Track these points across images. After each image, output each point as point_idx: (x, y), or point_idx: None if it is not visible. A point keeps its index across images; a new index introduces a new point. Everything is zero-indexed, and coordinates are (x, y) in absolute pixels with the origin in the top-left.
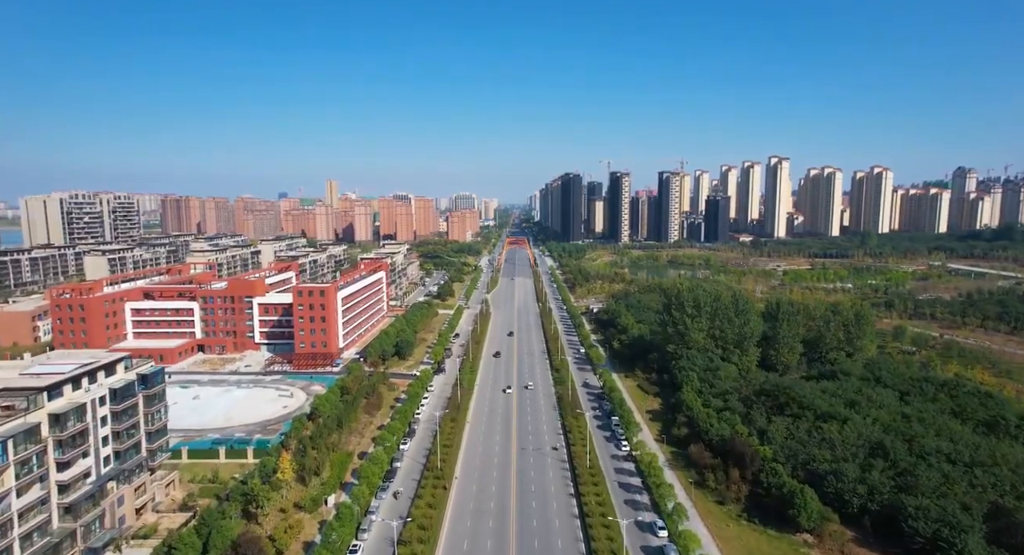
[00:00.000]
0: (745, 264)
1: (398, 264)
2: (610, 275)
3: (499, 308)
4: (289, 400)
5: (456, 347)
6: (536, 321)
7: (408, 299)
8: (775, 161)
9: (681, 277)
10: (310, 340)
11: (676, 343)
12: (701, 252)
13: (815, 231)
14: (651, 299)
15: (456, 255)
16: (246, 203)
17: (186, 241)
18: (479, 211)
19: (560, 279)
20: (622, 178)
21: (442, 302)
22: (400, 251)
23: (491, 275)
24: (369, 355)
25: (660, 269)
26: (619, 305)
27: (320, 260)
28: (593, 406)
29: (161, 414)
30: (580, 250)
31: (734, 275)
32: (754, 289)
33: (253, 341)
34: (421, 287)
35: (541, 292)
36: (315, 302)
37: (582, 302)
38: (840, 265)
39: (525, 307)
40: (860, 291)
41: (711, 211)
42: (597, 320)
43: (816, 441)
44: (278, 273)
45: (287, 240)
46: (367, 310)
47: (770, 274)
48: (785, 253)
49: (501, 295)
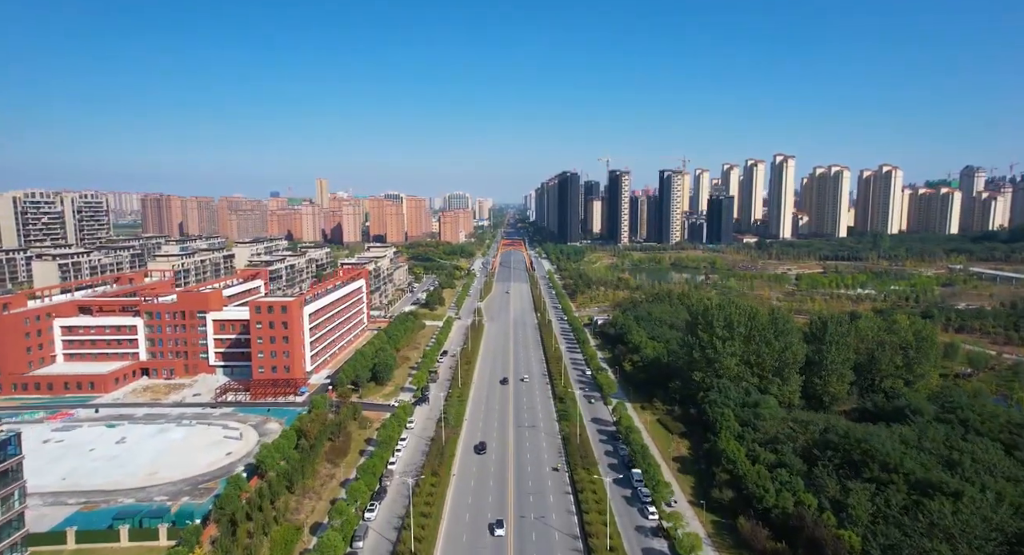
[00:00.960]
0: (753, 267)
1: (383, 269)
2: (612, 281)
3: (493, 319)
4: (236, 443)
5: (444, 369)
6: (535, 336)
7: (393, 309)
8: (780, 159)
9: (690, 282)
10: (270, 364)
11: (703, 370)
12: (705, 254)
13: (821, 232)
14: (661, 309)
15: (448, 257)
16: (231, 203)
17: (158, 243)
18: (473, 211)
19: (559, 285)
20: (621, 177)
21: (430, 312)
22: (386, 255)
23: (485, 280)
24: (339, 382)
25: (662, 272)
26: (627, 318)
27: (299, 264)
28: (607, 451)
29: (13, 501)
30: (578, 252)
31: (745, 280)
32: (769, 296)
33: (207, 363)
34: (409, 294)
35: (539, 299)
36: (276, 319)
37: (584, 311)
38: (853, 268)
39: (522, 318)
40: (887, 299)
41: (714, 211)
42: (603, 334)
43: (923, 527)
44: (244, 282)
45: (266, 242)
46: (343, 325)
47: (782, 279)
48: (794, 255)
49: (496, 303)
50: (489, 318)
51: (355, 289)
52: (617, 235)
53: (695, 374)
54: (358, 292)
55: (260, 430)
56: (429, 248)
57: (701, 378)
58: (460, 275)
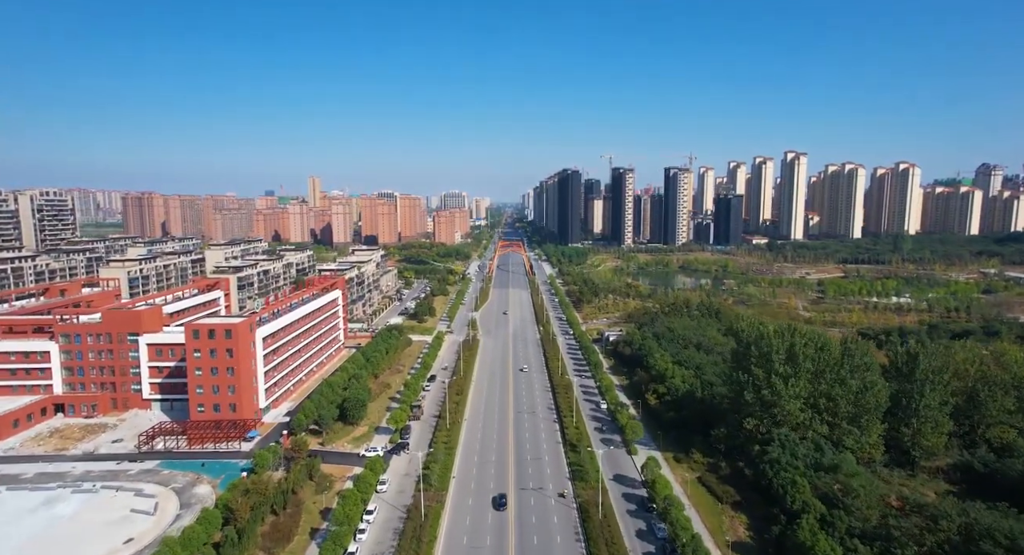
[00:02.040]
0: (768, 271)
1: (368, 275)
2: (621, 288)
3: (490, 334)
4: (144, 522)
5: (430, 400)
6: (537, 355)
7: (378, 320)
8: (792, 156)
9: (704, 288)
10: (211, 401)
11: (758, 415)
12: (714, 256)
13: (833, 233)
14: (683, 325)
15: (442, 260)
16: (216, 201)
17: (125, 245)
18: (470, 210)
19: (562, 291)
20: (625, 174)
21: (419, 325)
22: (372, 258)
23: (481, 285)
24: (296, 425)
25: (670, 275)
26: (645, 336)
27: (274, 270)
28: (639, 530)
29: None
30: (581, 254)
31: (764, 286)
32: (795, 304)
33: (141, 397)
34: (397, 302)
35: (541, 309)
36: (218, 346)
37: (592, 324)
38: (876, 272)
39: (522, 332)
40: (931, 310)
41: (722, 210)
42: (616, 353)
43: None
44: (199, 293)
45: (243, 244)
46: (312, 345)
47: (804, 284)
48: (810, 258)
49: (493, 314)
50: (485, 332)
51: (329, 302)
52: (621, 236)
53: (747, 421)
54: (333, 305)
55: (185, 496)
56: (422, 250)
57: (755, 426)
58: (454, 280)
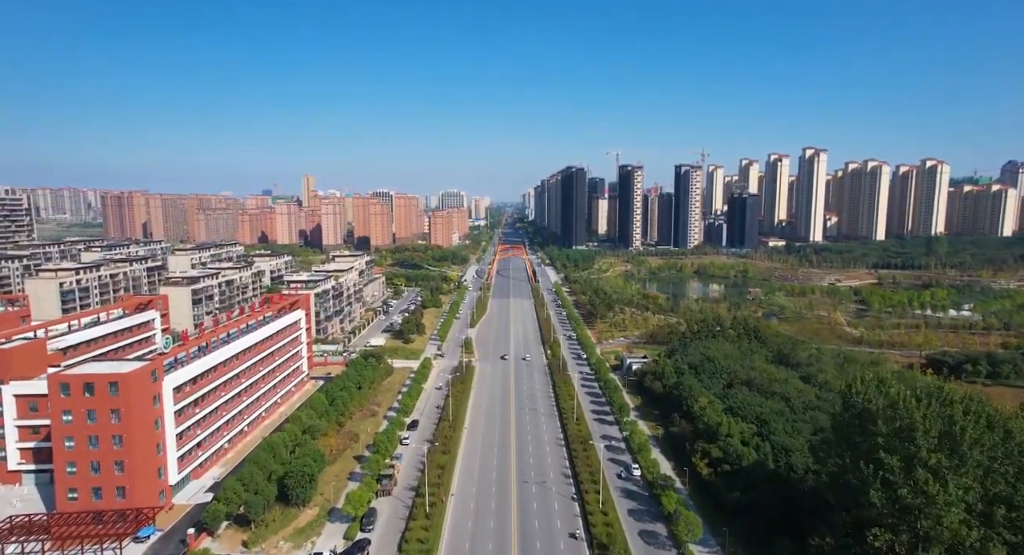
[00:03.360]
0: (793, 277)
1: (347, 286)
2: (638, 299)
3: (488, 358)
4: None
5: (407, 461)
6: (545, 389)
7: (357, 340)
8: (811, 153)
9: (730, 298)
10: (90, 483)
11: (894, 525)
12: (731, 260)
13: (854, 234)
14: (723, 350)
15: (438, 264)
16: (202, 201)
17: (79, 250)
18: (468, 210)
19: (569, 302)
20: (634, 172)
21: (404, 346)
22: (355, 265)
23: (479, 295)
24: (212, 516)
25: (684, 281)
26: (679, 368)
27: (240, 280)
28: None
29: None
30: (587, 258)
31: (796, 296)
32: (839, 320)
33: (6, 469)
34: (382, 316)
35: (546, 326)
36: (100, 406)
37: (609, 346)
38: (913, 278)
39: (526, 355)
40: (1008, 328)
41: (736, 211)
42: (642, 388)
43: None
44: (126, 316)
45: (213, 249)
46: (260, 384)
47: (837, 293)
48: (837, 262)
49: (491, 331)
50: (482, 355)
51: (288, 326)
52: (628, 238)
53: (873, 533)
54: (293, 329)
55: None
56: (417, 253)
57: (887, 543)
58: (448, 288)
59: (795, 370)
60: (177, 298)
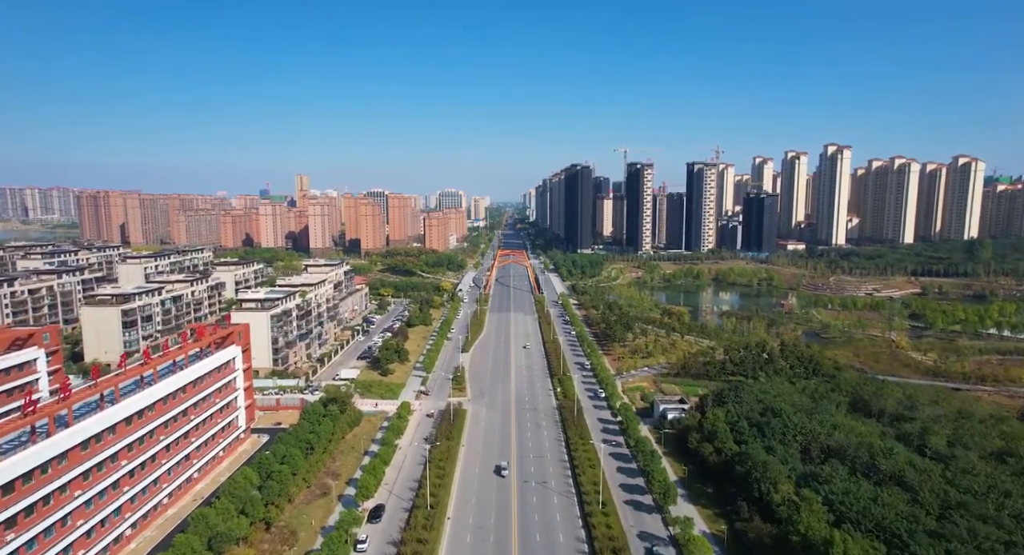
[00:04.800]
0: (824, 286)
1: (318, 303)
2: (659, 315)
3: (483, 397)
4: None
5: None
6: (556, 451)
7: (324, 372)
8: (833, 150)
9: (765, 313)
10: None
11: None
12: (751, 266)
13: (878, 237)
14: (783, 394)
15: (432, 270)
16: (184, 201)
17: (16, 257)
18: (468, 210)
19: (578, 318)
20: (643, 170)
21: (381, 378)
22: (330, 277)
23: (474, 308)
24: None
25: (701, 288)
26: (740, 429)
27: (192, 295)
28: None
29: None
30: (594, 264)
31: (837, 309)
32: (904, 345)
33: None
34: (361, 337)
35: (554, 350)
36: None
37: (631, 379)
38: (962, 288)
39: (530, 395)
40: None
41: (752, 212)
42: (686, 451)
43: None
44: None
45: (173, 255)
46: (160, 459)
47: (883, 306)
48: (871, 269)
49: (487, 359)
50: (476, 393)
51: (209, 374)
52: (638, 241)
53: None
54: (219, 375)
55: None
56: (409, 258)
57: None
58: (441, 301)
59: (888, 425)
60: (103, 320)
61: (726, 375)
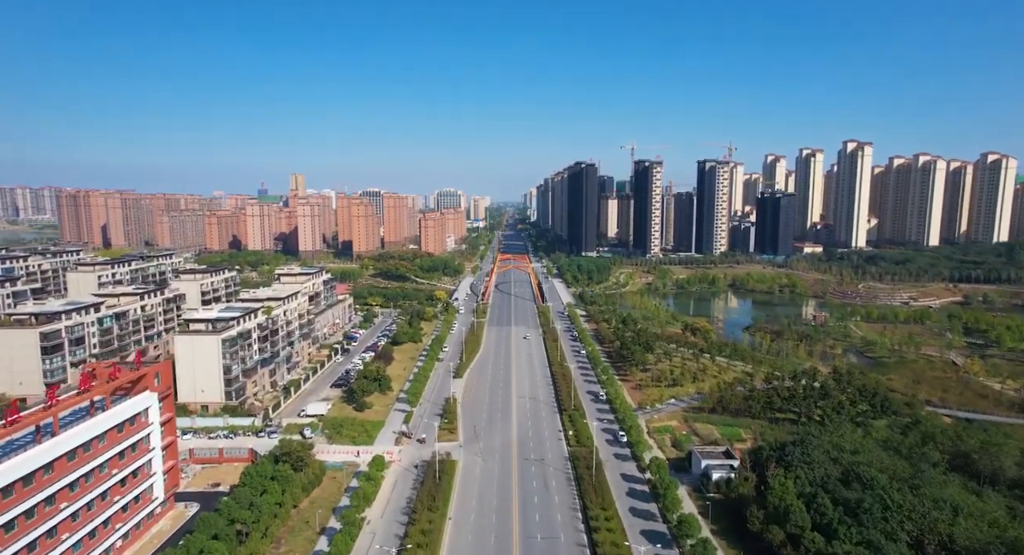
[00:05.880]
0: (853, 293)
1: (284, 321)
2: (680, 330)
3: (478, 441)
4: None
5: None
6: (573, 532)
7: (291, 405)
8: (853, 147)
9: (793, 325)
10: None
11: None
12: (768, 270)
13: (900, 239)
14: (863, 447)
15: (427, 275)
16: (170, 201)
17: None
18: (467, 210)
19: (588, 333)
20: (652, 168)
21: (355, 416)
22: (304, 288)
23: (471, 321)
24: None
25: (717, 295)
26: (822, 509)
27: (140, 311)
28: None
29: None
30: (601, 269)
31: (883, 324)
32: (978, 370)
33: None
34: (339, 358)
35: (562, 375)
36: None
37: (657, 415)
38: (1010, 296)
39: (536, 436)
40: None
41: (766, 212)
42: (741, 530)
43: None
44: None
45: (136, 262)
46: None
47: (930, 318)
48: (903, 275)
49: (484, 388)
50: (469, 437)
51: (104, 434)
52: (646, 243)
53: None
54: (128, 432)
55: None
56: (403, 262)
57: None
58: (433, 313)
59: (1013, 496)
60: (18, 346)
61: (772, 411)
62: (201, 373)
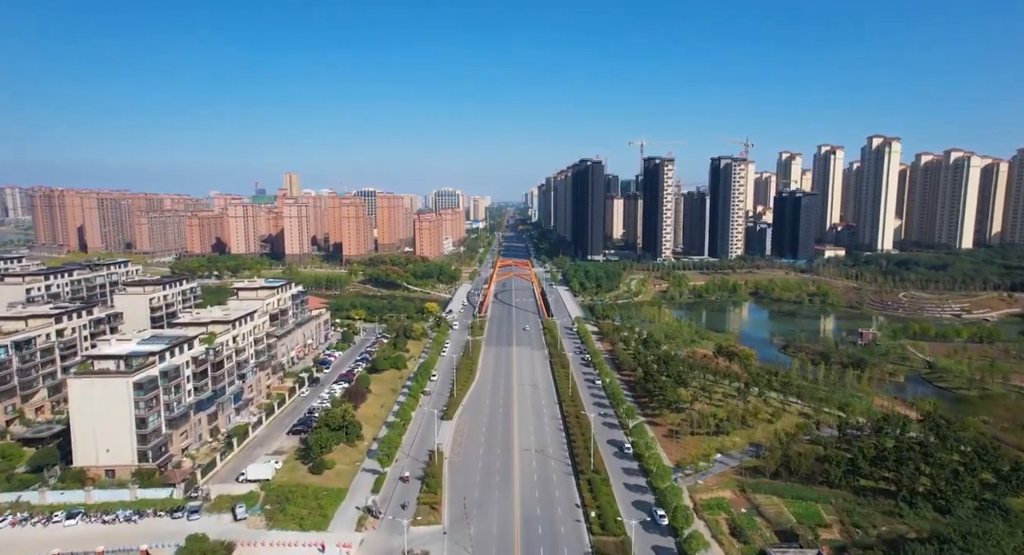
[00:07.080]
0: (894, 304)
1: (233, 350)
2: (713, 358)
3: (466, 528)
4: None
5: None
6: None
7: (229, 464)
8: (879, 143)
9: (837, 346)
10: None
11: None
12: (793, 277)
13: (928, 241)
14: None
15: (420, 282)
16: (150, 201)
17: None
18: (467, 210)
19: (602, 356)
20: (663, 166)
21: (310, 483)
22: (264, 307)
23: (467, 340)
24: None
25: (736, 303)
26: None
27: (54, 338)
28: None
29: None
30: (611, 275)
31: (944, 344)
32: None
33: None
34: (305, 391)
35: (578, 428)
36: None
37: (701, 480)
38: None
39: (548, 522)
40: None
41: (785, 213)
42: None
43: None
44: None
45: (79, 271)
46: None
47: (1000, 336)
48: (945, 282)
49: (480, 434)
50: (457, 516)
51: None
52: (656, 246)
53: None
54: None
55: None
56: (395, 267)
57: None
58: (422, 331)
59: None
60: None
61: (857, 476)
62: (105, 427)
